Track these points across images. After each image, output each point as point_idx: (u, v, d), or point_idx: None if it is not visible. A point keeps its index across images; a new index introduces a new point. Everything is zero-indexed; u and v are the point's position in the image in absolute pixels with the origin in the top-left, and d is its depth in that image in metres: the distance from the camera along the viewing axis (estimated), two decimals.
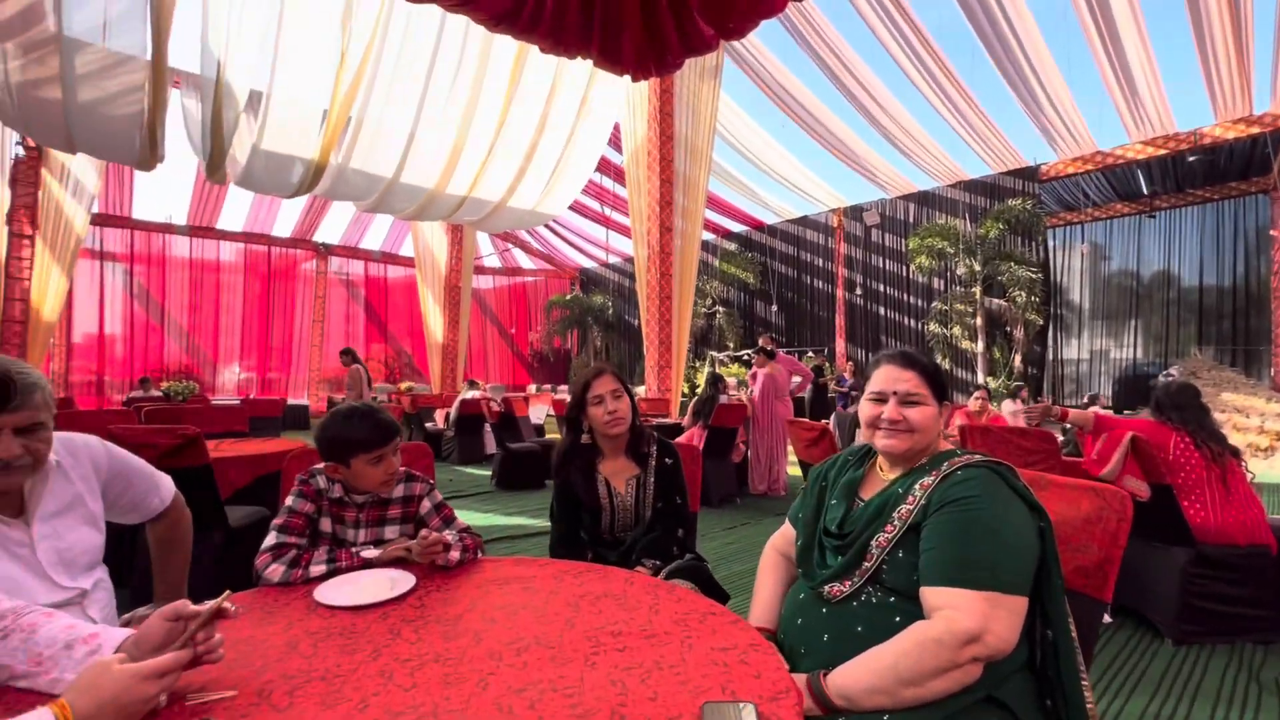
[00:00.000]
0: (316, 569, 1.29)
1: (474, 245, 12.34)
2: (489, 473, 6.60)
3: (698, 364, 14.14)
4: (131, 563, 2.47)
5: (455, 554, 1.37)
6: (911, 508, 1.09)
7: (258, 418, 6.74)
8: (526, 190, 8.50)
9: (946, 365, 10.89)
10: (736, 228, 14.93)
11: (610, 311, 17.17)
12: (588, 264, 18.19)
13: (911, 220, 11.92)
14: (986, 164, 10.48)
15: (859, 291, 12.70)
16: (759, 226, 14.60)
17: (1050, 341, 12.29)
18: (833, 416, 5.58)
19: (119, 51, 5.31)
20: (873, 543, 1.10)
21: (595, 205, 12.79)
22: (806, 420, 3.63)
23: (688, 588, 1.36)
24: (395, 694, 0.86)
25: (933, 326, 11.02)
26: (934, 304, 11.16)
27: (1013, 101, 8.61)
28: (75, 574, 1.22)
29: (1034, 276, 9.89)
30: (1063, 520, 1.22)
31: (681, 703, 0.83)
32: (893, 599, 1.07)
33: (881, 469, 1.23)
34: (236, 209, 13.07)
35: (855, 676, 0.98)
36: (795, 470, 6.39)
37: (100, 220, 12.06)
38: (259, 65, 6.17)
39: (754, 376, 6.05)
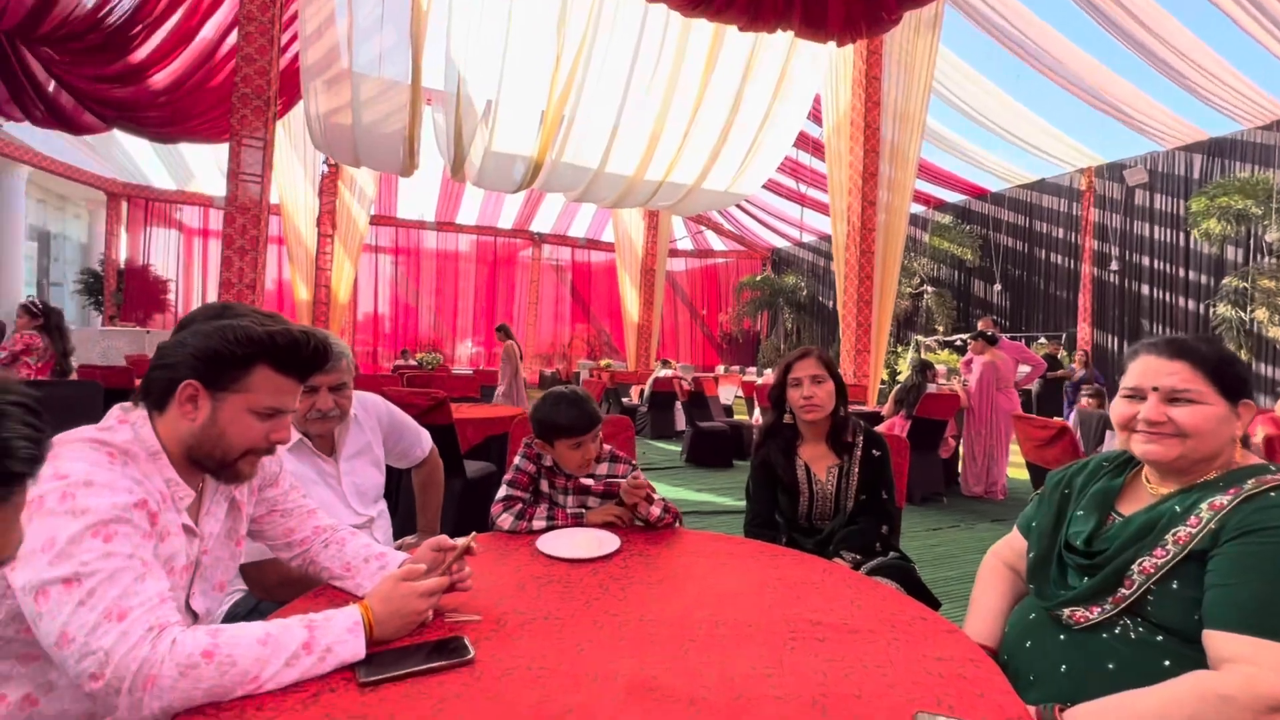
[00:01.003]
0: (538, 523, 1.46)
1: (669, 229, 12.73)
2: (679, 449, 6.83)
3: (900, 349, 13.00)
4: (397, 501, 3.03)
5: (656, 510, 1.47)
6: (1195, 531, 0.89)
7: (486, 385, 7.77)
8: (720, 172, 8.51)
9: (1245, 358, 8.59)
10: (952, 197, 13.32)
11: (803, 293, 16.53)
12: (780, 244, 17.68)
13: (1196, 176, 9.53)
14: None
15: (1114, 266, 10.54)
16: (981, 194, 12.85)
17: None
18: (1073, 414, 4.74)
19: (390, 79, 6.40)
20: (1134, 567, 0.92)
21: (790, 183, 12.34)
22: (1040, 417, 3.14)
23: (892, 587, 1.28)
24: (606, 643, 0.94)
25: (1222, 309, 8.73)
26: (1225, 281, 8.83)
27: None
28: (366, 504, 1.55)
29: None
30: None
31: (890, 706, 0.79)
32: (1160, 637, 0.88)
33: (1149, 481, 1.02)
34: (471, 205, 15.08)
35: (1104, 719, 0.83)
36: (1018, 473, 5.59)
37: (374, 220, 14.78)
38: (490, 77, 6.99)
39: (968, 364, 5.39)
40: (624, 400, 9.03)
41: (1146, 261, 10.27)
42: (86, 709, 0.82)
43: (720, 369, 15.13)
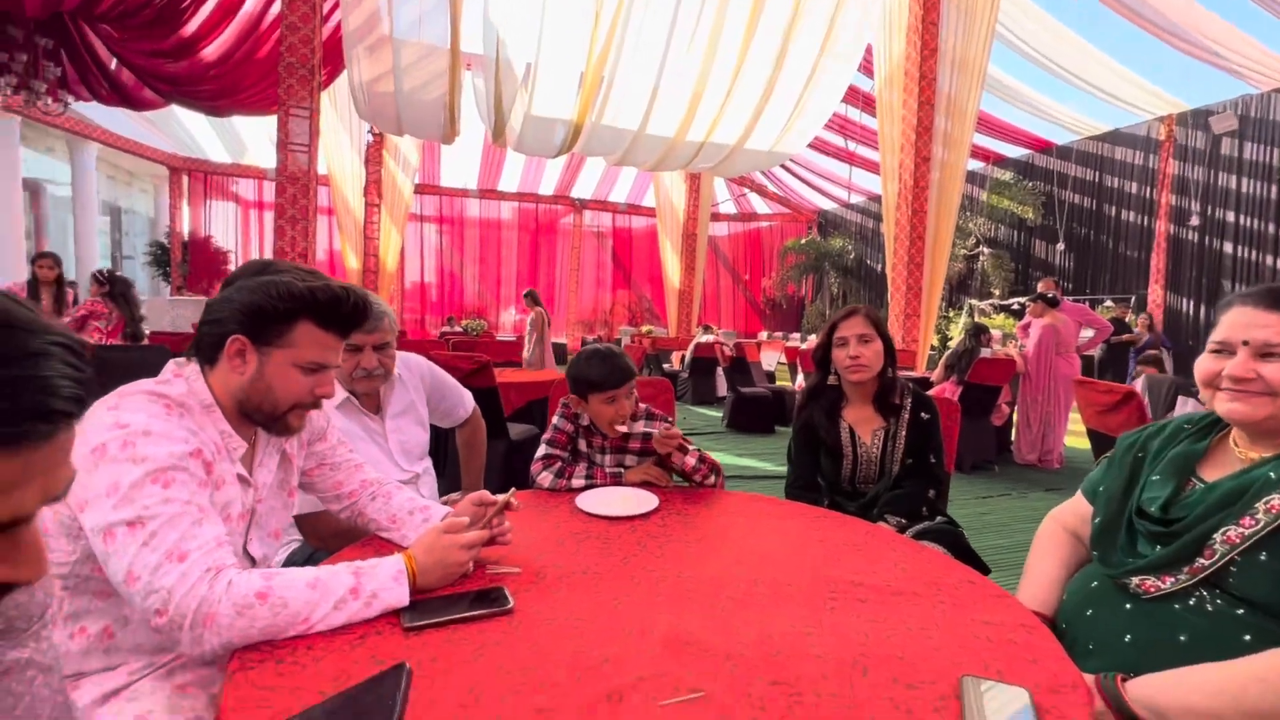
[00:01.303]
0: (577, 481, 1.47)
1: (711, 193, 12.44)
2: (720, 414, 6.81)
3: (952, 314, 12.51)
4: (445, 461, 3.12)
5: (691, 460, 1.47)
6: None
7: None
8: (764, 131, 8.22)
9: None
10: (1014, 152, 12.54)
11: (850, 255, 16.01)
12: (827, 205, 17.10)
13: None
14: None
15: (1194, 221, 9.77)
16: (1045, 148, 12.05)
17: None
18: (1142, 379, 4.46)
19: (429, 44, 6.37)
20: (1217, 536, 0.85)
21: (839, 141, 11.84)
22: (1104, 381, 2.97)
23: (939, 550, 1.24)
24: (643, 598, 0.95)
25: None
26: None
27: None
28: (412, 461, 1.59)
29: None
30: None
31: (934, 669, 0.76)
32: (1241, 610, 0.83)
33: (1237, 445, 0.94)
34: (512, 172, 15.09)
35: (1176, 693, 0.79)
36: (1076, 441, 5.35)
37: (419, 189, 14.95)
38: (529, 39, 6.87)
39: (1025, 328, 5.15)
40: (664, 366, 9.02)
41: (1231, 217, 9.48)
42: (159, 641, 0.88)
43: (763, 335, 14.92)
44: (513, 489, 1.10)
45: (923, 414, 1.63)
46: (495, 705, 0.68)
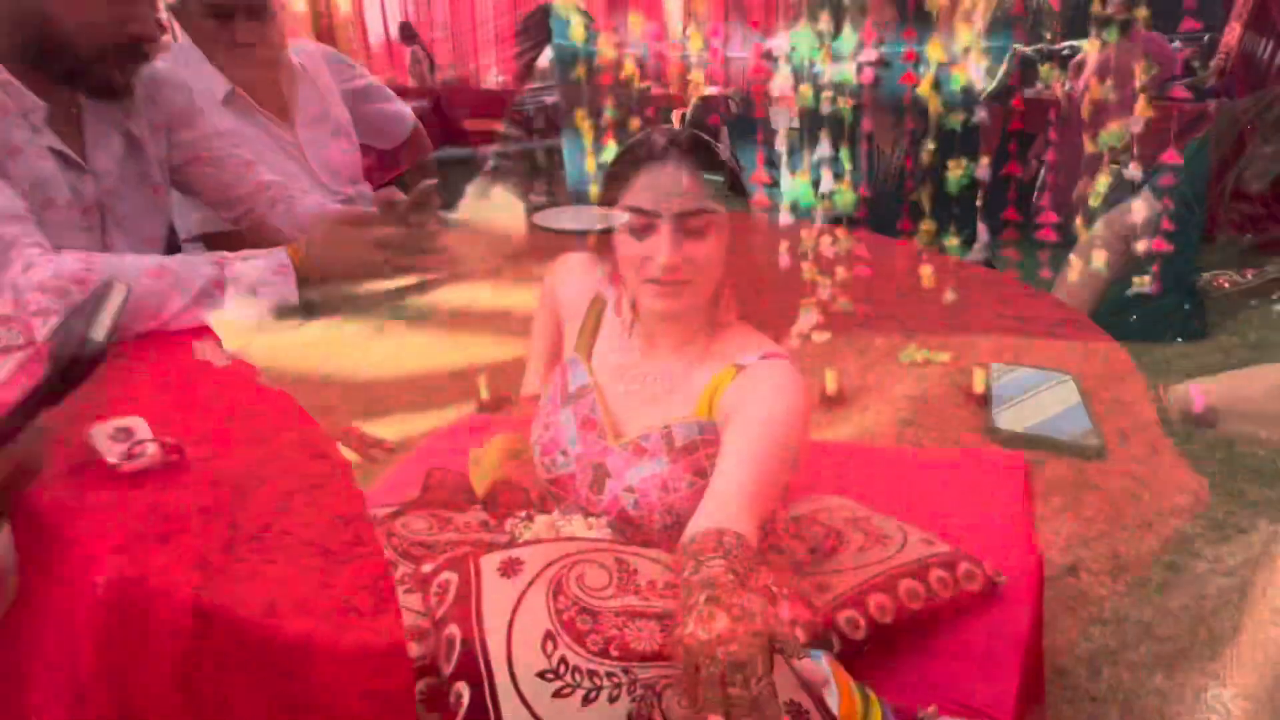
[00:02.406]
0: (536, 199, 1.25)
1: None
2: None
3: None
4: None
5: None
6: None
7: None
8: None
9: None
10: None
11: None
12: None
13: None
14: None
15: None
16: None
17: None
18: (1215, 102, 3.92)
19: None
20: None
21: None
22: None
23: None
24: None
25: None
26: None
27: None
28: (340, 183, 1.35)
29: None
30: None
31: None
32: None
33: None
34: None
35: (1231, 393, 0.65)
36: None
37: None
38: None
39: (1078, 65, 4.43)
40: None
41: None
42: None
43: None
44: (434, 180, 0.88)
45: None
46: None
